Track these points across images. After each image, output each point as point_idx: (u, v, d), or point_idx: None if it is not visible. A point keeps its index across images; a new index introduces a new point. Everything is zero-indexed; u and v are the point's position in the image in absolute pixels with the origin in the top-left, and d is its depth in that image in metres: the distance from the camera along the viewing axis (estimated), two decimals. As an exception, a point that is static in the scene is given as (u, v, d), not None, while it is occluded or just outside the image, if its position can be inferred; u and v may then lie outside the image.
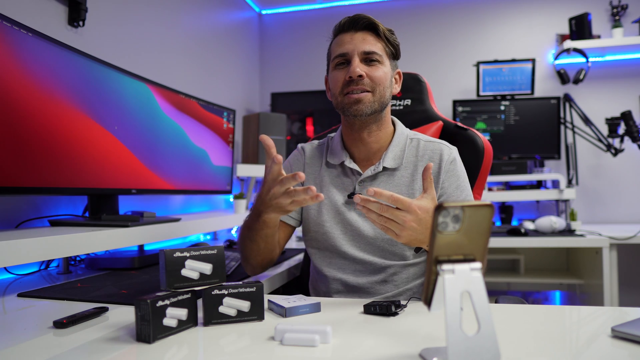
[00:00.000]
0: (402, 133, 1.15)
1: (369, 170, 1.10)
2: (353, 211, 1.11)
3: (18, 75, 1.12)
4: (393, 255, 1.09)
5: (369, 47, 1.05)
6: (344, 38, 1.07)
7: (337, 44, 1.09)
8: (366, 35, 1.06)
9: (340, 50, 1.07)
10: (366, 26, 1.07)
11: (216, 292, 0.79)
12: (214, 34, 2.70)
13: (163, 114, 1.68)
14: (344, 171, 1.14)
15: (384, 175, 1.11)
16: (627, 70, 2.84)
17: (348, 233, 1.11)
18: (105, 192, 1.43)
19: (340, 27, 1.09)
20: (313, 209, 1.15)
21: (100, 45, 1.74)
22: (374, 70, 1.05)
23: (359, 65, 1.04)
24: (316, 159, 1.20)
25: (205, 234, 2.24)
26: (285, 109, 3.03)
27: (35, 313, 0.92)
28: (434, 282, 0.60)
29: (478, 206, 0.56)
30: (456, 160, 1.11)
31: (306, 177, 1.18)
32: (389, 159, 1.10)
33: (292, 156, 1.24)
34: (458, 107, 2.85)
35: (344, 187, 1.13)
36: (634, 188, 2.82)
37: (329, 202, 1.13)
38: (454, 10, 3.09)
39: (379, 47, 1.07)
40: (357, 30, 1.07)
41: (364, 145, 1.12)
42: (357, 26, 1.07)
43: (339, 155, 1.14)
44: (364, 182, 1.11)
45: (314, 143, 1.24)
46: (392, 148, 1.11)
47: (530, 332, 0.74)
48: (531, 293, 2.94)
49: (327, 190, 1.14)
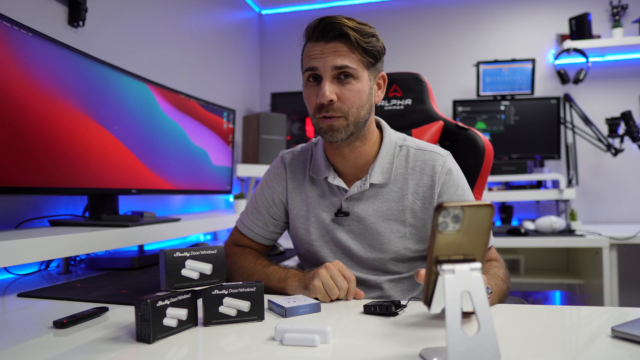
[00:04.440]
0: (391, 141, 1.06)
1: (355, 187, 1.03)
2: (341, 230, 1.05)
3: (18, 75, 1.12)
4: (385, 272, 1.05)
5: (340, 62, 0.93)
6: (314, 49, 0.95)
7: (307, 55, 0.97)
8: (338, 45, 0.94)
9: (310, 63, 0.96)
10: (338, 35, 0.93)
11: (216, 292, 0.79)
12: (214, 34, 2.70)
13: (163, 114, 1.68)
14: (329, 187, 1.07)
15: (372, 191, 1.03)
16: (627, 70, 2.84)
17: (338, 252, 1.06)
18: (105, 192, 1.43)
19: (310, 33, 0.97)
20: (302, 229, 1.09)
21: (100, 45, 1.74)
22: (347, 89, 0.94)
23: (329, 86, 0.93)
24: (299, 171, 1.12)
25: (205, 234, 2.24)
26: (285, 109, 3.03)
27: (35, 313, 0.92)
28: (434, 282, 0.60)
29: (478, 206, 0.56)
30: (452, 170, 1.04)
31: (290, 192, 1.11)
32: (376, 174, 1.02)
33: (272, 171, 1.15)
34: (458, 107, 2.85)
35: (330, 205, 1.06)
36: (634, 188, 2.81)
37: (315, 220, 1.07)
38: (454, 10, 3.09)
39: (352, 59, 0.94)
40: (329, 41, 0.94)
41: (347, 160, 1.04)
42: (327, 36, 0.94)
43: (322, 170, 1.06)
44: (351, 199, 1.04)
45: (296, 150, 1.15)
46: (380, 161, 1.03)
47: (530, 332, 0.74)
48: (531, 293, 2.94)
49: (314, 208, 1.07)
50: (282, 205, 1.13)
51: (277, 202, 1.13)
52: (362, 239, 1.05)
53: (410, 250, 1.03)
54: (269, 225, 1.13)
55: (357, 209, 1.04)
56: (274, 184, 1.13)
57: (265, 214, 1.13)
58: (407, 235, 1.03)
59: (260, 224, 1.13)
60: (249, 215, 1.15)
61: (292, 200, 1.11)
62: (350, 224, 1.05)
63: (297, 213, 1.11)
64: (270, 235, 1.15)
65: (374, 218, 1.03)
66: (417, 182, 1.03)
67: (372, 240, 1.04)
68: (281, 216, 1.13)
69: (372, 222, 1.03)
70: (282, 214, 1.13)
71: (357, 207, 1.04)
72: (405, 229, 1.03)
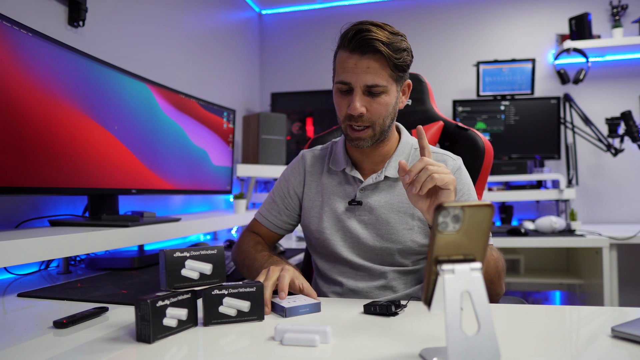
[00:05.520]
0: (407, 142, 1.14)
1: (371, 179, 1.10)
2: (353, 219, 1.10)
3: (18, 75, 1.12)
4: (391, 263, 1.09)
5: (372, 80, 0.98)
6: (349, 62, 0.99)
7: (341, 66, 1.01)
8: (372, 62, 0.98)
9: (343, 77, 1.00)
10: (373, 51, 0.97)
11: (216, 292, 0.79)
12: (214, 34, 2.70)
13: (163, 114, 1.68)
14: (345, 178, 1.14)
15: (386, 184, 1.10)
16: (627, 70, 2.84)
17: (347, 240, 1.11)
18: (105, 192, 1.43)
19: (346, 43, 1.00)
20: (314, 217, 1.15)
21: (100, 45, 1.74)
22: (376, 103, 1.01)
23: (360, 99, 0.99)
24: (318, 166, 1.20)
25: (205, 234, 2.24)
26: (285, 109, 3.03)
27: (35, 313, 0.92)
28: (434, 282, 0.60)
29: (478, 206, 0.56)
30: (461, 169, 1.10)
31: (307, 185, 1.19)
32: (391, 169, 1.09)
33: (291, 166, 1.23)
34: (458, 107, 2.85)
35: (345, 194, 1.13)
36: (634, 188, 2.82)
37: (329, 209, 1.13)
38: (454, 10, 3.09)
39: (383, 75, 0.99)
40: (363, 54, 0.98)
41: (367, 157, 1.12)
42: (363, 50, 0.97)
43: (341, 162, 1.14)
44: (365, 190, 1.11)
45: (317, 149, 1.23)
46: (396, 157, 1.11)
47: (530, 332, 0.74)
48: (531, 293, 2.94)
49: (328, 198, 1.14)
50: (296, 197, 1.20)
51: (292, 193, 1.20)
52: (372, 228, 1.09)
53: (417, 243, 1.07)
54: (282, 214, 1.21)
55: (370, 199, 1.10)
56: (291, 176, 1.21)
57: (280, 204, 1.21)
58: (415, 228, 1.07)
59: (274, 212, 1.22)
60: (265, 205, 1.24)
61: (307, 192, 1.18)
62: (362, 214, 1.10)
63: (311, 204, 1.17)
64: (282, 224, 1.22)
65: (385, 209, 1.08)
66: None
67: (382, 230, 1.08)
68: (294, 208, 1.21)
69: (383, 212, 1.08)
70: (295, 206, 1.21)
71: (371, 197, 1.10)
72: (414, 222, 1.07)
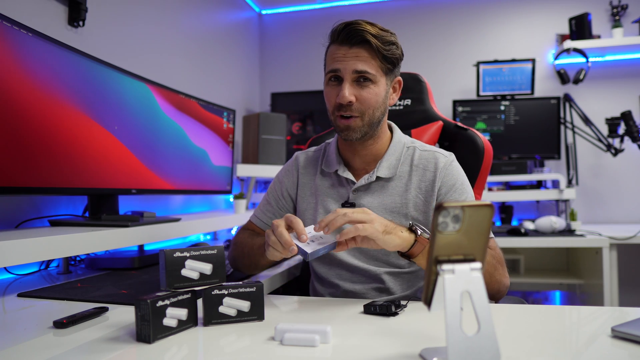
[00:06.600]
0: (399, 141, 1.14)
1: (363, 180, 1.10)
2: None
3: (18, 76, 1.12)
4: (387, 264, 1.10)
5: (361, 67, 1.01)
6: (338, 52, 1.03)
7: (331, 57, 1.05)
8: (361, 51, 1.01)
9: (333, 65, 1.03)
10: (361, 42, 1.01)
11: (216, 292, 0.79)
12: (214, 34, 2.70)
13: (163, 114, 1.68)
14: (338, 180, 1.15)
15: (378, 184, 1.11)
16: (627, 70, 2.84)
17: None
18: (105, 192, 1.43)
19: (335, 36, 1.04)
20: (309, 220, 1.15)
21: (100, 45, 1.74)
22: (365, 92, 1.02)
23: (349, 87, 1.01)
24: (311, 167, 1.21)
25: (205, 234, 2.24)
26: (285, 109, 3.02)
27: (35, 313, 0.92)
28: (434, 282, 0.60)
29: (478, 206, 0.56)
30: (453, 166, 1.10)
31: (300, 187, 1.20)
32: (383, 169, 1.10)
33: (284, 168, 1.25)
34: (458, 107, 2.85)
35: (339, 196, 1.14)
36: (634, 188, 2.81)
37: (323, 211, 1.14)
38: (454, 10, 3.09)
39: (373, 65, 1.02)
40: (352, 46, 1.01)
41: (358, 156, 1.13)
42: (352, 40, 1.01)
43: (333, 164, 1.15)
44: (358, 191, 1.11)
45: (310, 151, 1.24)
46: (388, 157, 1.11)
47: (530, 332, 0.74)
48: (531, 293, 2.94)
49: (322, 200, 1.15)
50: (290, 199, 1.22)
51: (286, 195, 1.22)
52: None
53: None
54: (277, 215, 1.22)
55: (363, 200, 1.10)
56: (284, 178, 1.23)
57: (274, 205, 1.22)
58: None
59: (269, 214, 1.22)
60: (260, 207, 1.25)
61: (301, 193, 1.19)
62: None
63: (306, 206, 1.18)
64: None
65: (378, 210, 1.08)
66: (420, 177, 1.10)
67: None
68: (289, 209, 1.22)
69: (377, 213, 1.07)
70: (290, 207, 1.22)
71: (363, 199, 1.11)
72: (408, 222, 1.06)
